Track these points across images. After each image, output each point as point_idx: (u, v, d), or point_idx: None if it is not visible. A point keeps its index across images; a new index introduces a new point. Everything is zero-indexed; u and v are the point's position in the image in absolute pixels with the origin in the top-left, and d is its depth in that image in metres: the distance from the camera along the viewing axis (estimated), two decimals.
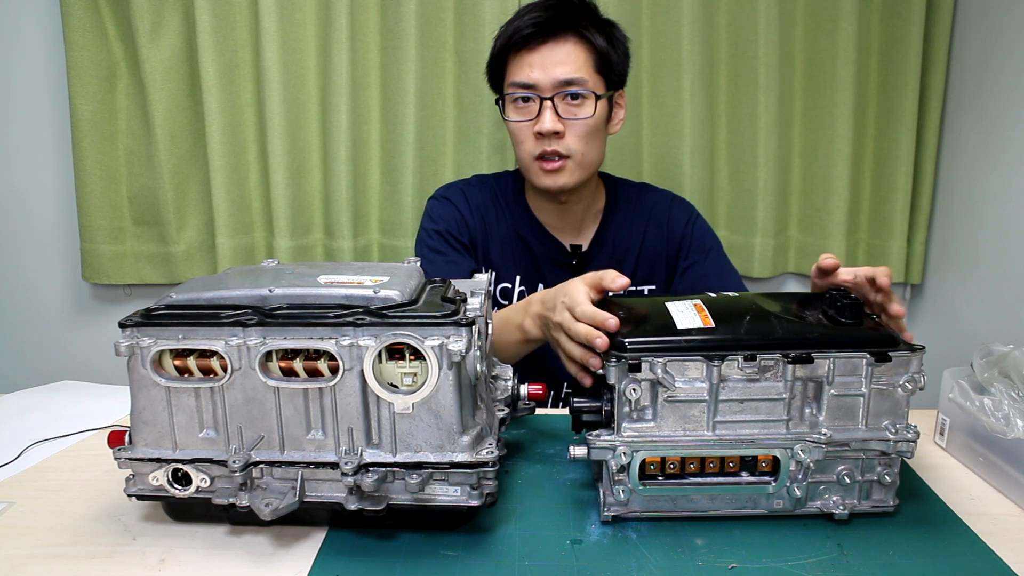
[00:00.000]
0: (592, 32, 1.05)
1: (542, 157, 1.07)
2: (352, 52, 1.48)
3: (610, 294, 1.03)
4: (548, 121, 1.04)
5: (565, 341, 0.78)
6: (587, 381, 0.76)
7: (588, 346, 0.71)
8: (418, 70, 1.49)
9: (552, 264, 1.18)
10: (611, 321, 0.69)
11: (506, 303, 1.16)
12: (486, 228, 1.18)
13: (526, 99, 1.07)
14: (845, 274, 0.76)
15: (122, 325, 0.62)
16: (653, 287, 1.19)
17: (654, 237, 1.19)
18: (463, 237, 1.16)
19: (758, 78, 1.50)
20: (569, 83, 1.04)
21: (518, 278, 1.17)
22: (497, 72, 1.12)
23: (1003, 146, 1.36)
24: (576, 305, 0.75)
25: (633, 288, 1.18)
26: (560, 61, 1.04)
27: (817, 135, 1.56)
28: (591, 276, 0.79)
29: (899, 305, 0.73)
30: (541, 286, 1.17)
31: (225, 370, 0.62)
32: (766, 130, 1.52)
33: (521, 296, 1.17)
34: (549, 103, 1.05)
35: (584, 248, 1.18)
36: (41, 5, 1.53)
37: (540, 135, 1.06)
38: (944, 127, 1.54)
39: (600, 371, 0.69)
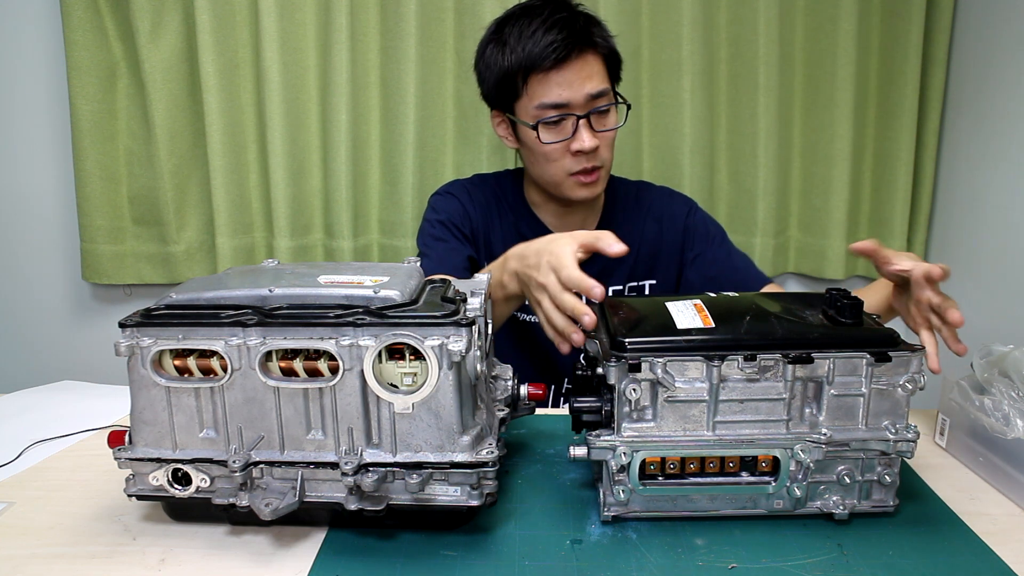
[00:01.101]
0: (603, 36, 1.05)
1: (580, 172, 1.07)
2: (352, 52, 1.48)
3: (610, 292, 1.03)
4: (587, 139, 1.03)
5: (548, 306, 0.75)
6: (564, 348, 0.75)
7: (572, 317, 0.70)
8: (418, 70, 1.49)
9: None
10: (597, 289, 0.68)
11: None
12: (488, 225, 1.18)
13: (558, 120, 1.05)
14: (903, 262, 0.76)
15: (122, 325, 0.62)
16: (653, 282, 1.20)
17: (653, 233, 1.20)
18: (465, 228, 1.16)
19: (758, 78, 1.50)
20: (599, 96, 1.04)
21: None
22: (508, 90, 1.08)
23: (1003, 146, 1.36)
24: (562, 268, 0.72)
25: (634, 284, 1.19)
26: (587, 76, 1.03)
27: (817, 135, 1.56)
28: (584, 235, 0.76)
29: (957, 312, 0.70)
30: None
31: (225, 370, 0.62)
32: (766, 130, 1.52)
33: None
34: (585, 121, 1.04)
35: None
36: (41, 5, 1.53)
37: (579, 153, 1.05)
38: (944, 127, 1.54)
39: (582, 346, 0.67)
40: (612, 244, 0.74)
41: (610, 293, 1.18)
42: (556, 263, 0.74)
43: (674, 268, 1.21)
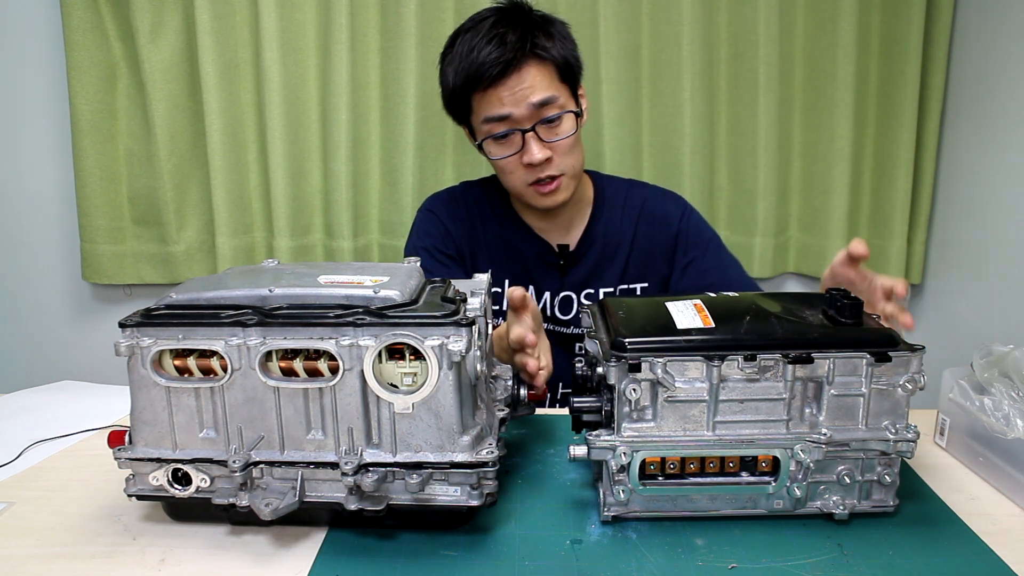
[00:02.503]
0: (546, 47, 1.02)
1: (536, 182, 1.07)
2: (352, 52, 1.48)
3: (601, 294, 1.05)
4: (536, 152, 1.03)
5: (519, 359, 0.85)
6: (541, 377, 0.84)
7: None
8: (418, 70, 1.49)
9: (541, 265, 1.17)
10: (529, 336, 0.78)
11: (496, 308, 1.17)
12: (472, 237, 1.18)
13: (505, 134, 1.04)
14: (861, 276, 0.80)
15: (122, 325, 0.62)
16: (645, 284, 1.19)
17: (646, 234, 1.18)
18: (449, 249, 1.16)
19: (758, 78, 1.50)
20: (544, 104, 1.02)
21: (507, 282, 1.17)
22: (459, 107, 1.09)
23: (1003, 146, 1.36)
24: (502, 339, 0.85)
25: (625, 287, 1.18)
26: (528, 87, 1.01)
27: (817, 135, 1.56)
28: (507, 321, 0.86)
29: (909, 317, 0.77)
30: (532, 288, 1.17)
31: (225, 370, 0.62)
32: (766, 130, 1.52)
33: None
34: (532, 134, 1.03)
35: (572, 247, 1.18)
36: (41, 5, 1.53)
37: (531, 166, 1.05)
38: (944, 127, 1.54)
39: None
40: (511, 293, 0.81)
41: (600, 295, 1.17)
42: (505, 343, 0.85)
43: (663, 271, 1.19)
